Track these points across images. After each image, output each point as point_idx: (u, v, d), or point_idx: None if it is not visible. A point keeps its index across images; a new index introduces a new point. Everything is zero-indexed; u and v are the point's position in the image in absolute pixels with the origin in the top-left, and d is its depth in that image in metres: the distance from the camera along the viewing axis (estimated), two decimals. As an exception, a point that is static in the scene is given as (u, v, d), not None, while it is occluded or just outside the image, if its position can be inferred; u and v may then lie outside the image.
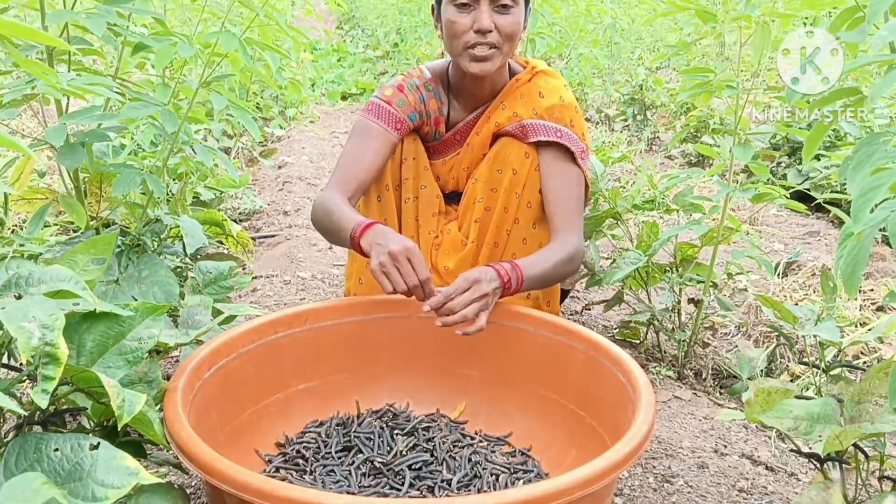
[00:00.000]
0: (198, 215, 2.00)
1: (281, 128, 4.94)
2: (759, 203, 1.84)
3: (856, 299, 2.34)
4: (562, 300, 2.04)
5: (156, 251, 1.73)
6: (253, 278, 2.52)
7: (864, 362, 2.01)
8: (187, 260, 1.89)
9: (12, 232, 1.46)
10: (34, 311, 0.85)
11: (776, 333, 1.98)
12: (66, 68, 1.53)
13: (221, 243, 2.40)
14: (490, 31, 1.60)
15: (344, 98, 6.76)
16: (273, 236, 3.09)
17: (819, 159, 3.26)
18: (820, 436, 1.09)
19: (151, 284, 1.49)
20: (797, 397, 1.17)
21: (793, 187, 1.92)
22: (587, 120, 5.66)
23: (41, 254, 1.03)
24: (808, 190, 3.08)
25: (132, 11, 1.54)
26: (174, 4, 2.10)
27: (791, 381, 1.94)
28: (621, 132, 5.17)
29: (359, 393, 1.56)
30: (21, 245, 1.01)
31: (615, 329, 2.23)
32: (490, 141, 1.76)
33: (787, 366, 2.01)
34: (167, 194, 1.86)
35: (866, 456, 1.11)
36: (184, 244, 1.74)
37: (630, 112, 5.17)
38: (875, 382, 1.16)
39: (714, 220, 1.89)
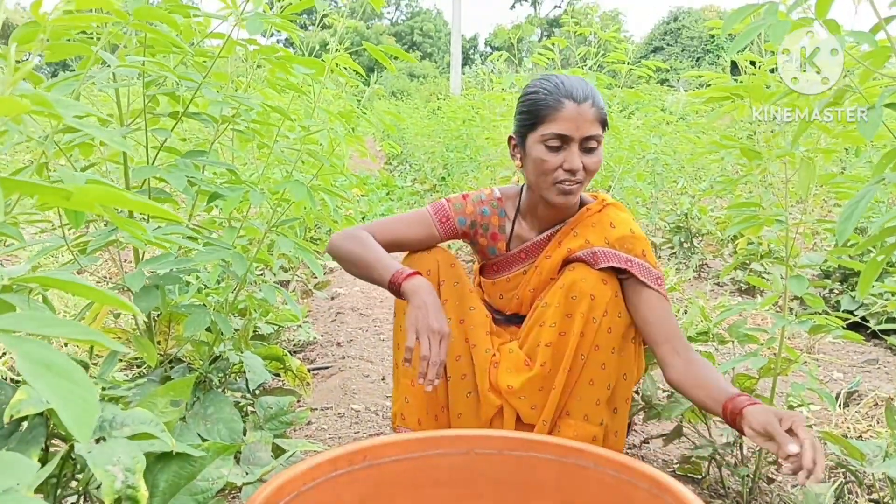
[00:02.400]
0: (259, 351, 2.05)
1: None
2: (815, 335, 1.83)
3: (924, 432, 2.26)
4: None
5: (220, 387, 1.78)
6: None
7: (940, 499, 1.92)
8: (248, 395, 1.93)
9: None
10: (118, 454, 0.89)
11: (843, 469, 1.92)
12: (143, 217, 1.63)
13: (279, 376, 2.44)
14: (579, 171, 1.69)
15: (393, 229, 6.94)
16: (327, 367, 3.13)
17: (873, 286, 3.22)
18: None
19: (216, 422, 1.53)
20: (872, 540, 1.14)
21: (849, 317, 1.91)
22: (634, 247, 5.70)
23: (121, 397, 1.09)
24: (863, 319, 3.03)
25: (206, 164, 1.66)
26: (241, 152, 2.25)
27: (863, 519, 1.86)
28: (668, 259, 5.20)
29: (417, 532, 1.54)
30: (103, 389, 1.07)
31: (676, 464, 2.18)
32: (559, 266, 1.81)
33: (856, 501, 1.93)
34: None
35: None
36: (247, 380, 1.79)
37: (676, 240, 5.22)
38: (954, 524, 1.12)
39: (771, 349, 1.88)
